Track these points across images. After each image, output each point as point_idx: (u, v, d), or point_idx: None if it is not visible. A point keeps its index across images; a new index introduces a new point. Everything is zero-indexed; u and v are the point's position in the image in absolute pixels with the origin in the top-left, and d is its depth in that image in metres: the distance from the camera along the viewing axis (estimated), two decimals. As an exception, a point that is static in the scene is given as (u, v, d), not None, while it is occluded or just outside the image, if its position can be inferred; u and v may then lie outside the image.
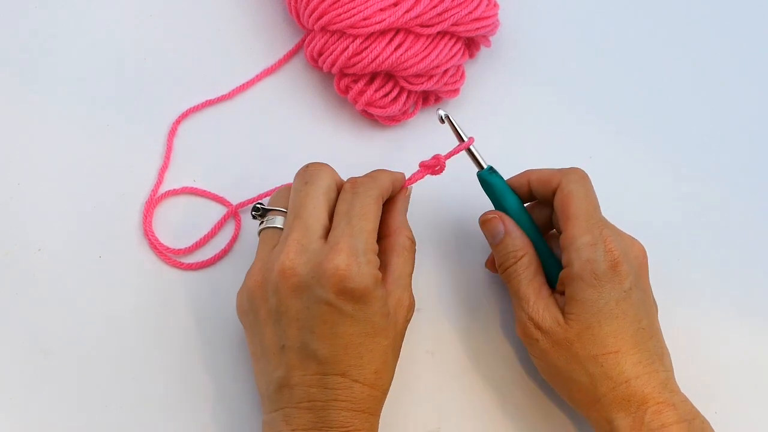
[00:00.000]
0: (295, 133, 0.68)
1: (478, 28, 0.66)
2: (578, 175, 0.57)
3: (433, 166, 0.59)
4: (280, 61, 0.70)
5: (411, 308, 0.56)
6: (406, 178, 0.59)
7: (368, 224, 0.53)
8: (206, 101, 0.68)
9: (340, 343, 0.52)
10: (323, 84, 0.70)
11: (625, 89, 0.72)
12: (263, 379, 0.54)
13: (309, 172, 0.56)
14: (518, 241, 0.57)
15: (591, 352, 0.54)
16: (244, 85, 0.69)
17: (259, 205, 0.57)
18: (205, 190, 0.65)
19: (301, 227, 0.53)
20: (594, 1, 0.75)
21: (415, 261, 0.58)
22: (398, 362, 0.56)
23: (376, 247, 0.54)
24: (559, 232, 0.57)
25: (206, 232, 0.63)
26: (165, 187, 0.65)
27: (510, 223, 0.58)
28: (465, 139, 0.58)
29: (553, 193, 0.57)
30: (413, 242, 0.57)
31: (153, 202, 0.64)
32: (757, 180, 0.69)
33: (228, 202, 0.65)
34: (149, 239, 0.63)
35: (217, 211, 0.65)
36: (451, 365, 0.62)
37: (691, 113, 0.71)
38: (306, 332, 0.52)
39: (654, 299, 0.57)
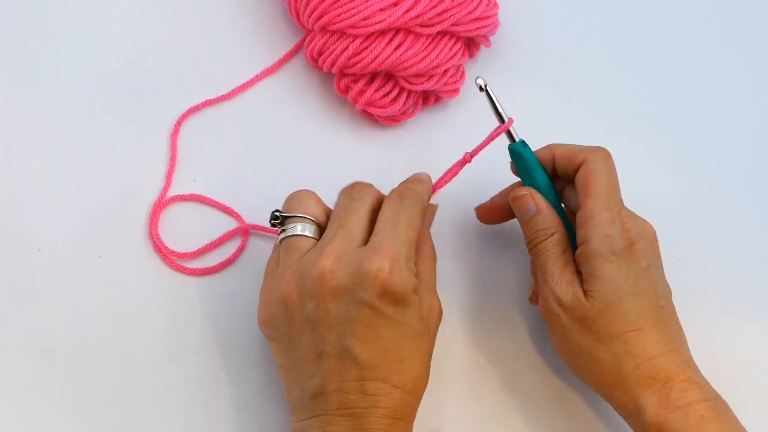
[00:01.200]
0: (295, 133, 0.68)
1: (478, 28, 0.66)
2: (604, 153, 0.57)
3: (466, 160, 0.59)
4: (280, 61, 0.70)
5: (441, 315, 0.56)
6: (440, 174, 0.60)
7: (412, 233, 0.54)
8: (206, 101, 0.68)
9: (380, 347, 0.52)
10: (323, 84, 0.70)
11: (625, 89, 0.72)
12: (296, 388, 0.53)
13: (355, 190, 0.56)
14: (549, 219, 0.57)
15: (614, 330, 0.53)
16: (244, 85, 0.69)
17: (277, 213, 0.56)
18: (212, 200, 0.65)
19: (344, 235, 0.53)
20: (594, 0, 0.75)
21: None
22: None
23: (415, 256, 0.54)
24: (573, 211, 0.58)
25: (212, 240, 0.63)
26: (171, 189, 0.65)
27: (541, 201, 0.57)
28: (505, 118, 0.58)
29: (576, 169, 0.57)
30: (435, 251, 0.57)
31: (161, 205, 0.64)
32: (758, 179, 0.69)
33: (236, 213, 0.64)
34: (154, 241, 0.63)
35: (222, 218, 0.65)
36: (452, 366, 0.62)
37: (691, 113, 0.71)
38: (346, 337, 0.51)
39: (667, 282, 0.57)
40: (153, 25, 0.71)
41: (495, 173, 0.62)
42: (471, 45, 0.69)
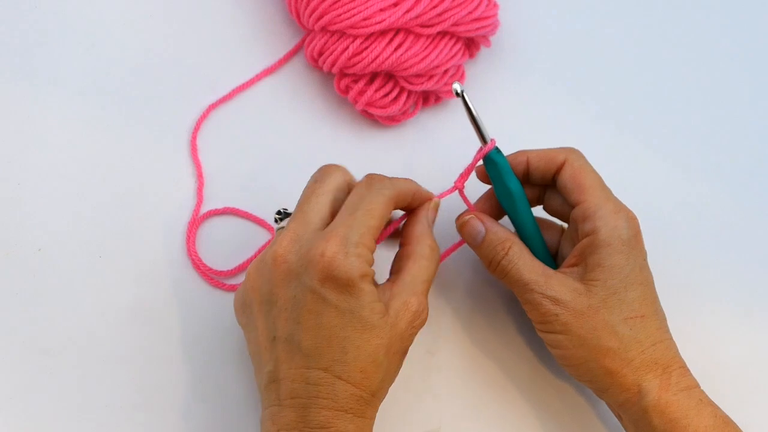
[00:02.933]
0: (295, 134, 0.68)
1: (478, 28, 0.66)
2: (580, 152, 0.58)
3: (457, 188, 0.59)
4: (280, 61, 0.70)
5: (419, 315, 0.54)
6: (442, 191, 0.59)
7: (371, 220, 0.52)
8: (210, 106, 0.68)
9: (323, 335, 0.51)
10: (323, 84, 0.70)
11: (625, 89, 0.72)
12: (258, 376, 0.54)
13: (321, 171, 0.56)
14: (501, 234, 0.57)
15: (619, 316, 0.54)
16: (243, 84, 0.69)
17: (283, 210, 0.57)
18: (246, 212, 0.65)
19: (300, 219, 0.53)
20: (594, 0, 0.75)
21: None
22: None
23: (373, 245, 0.53)
24: (556, 212, 0.59)
25: (247, 257, 0.64)
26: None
27: (488, 220, 0.58)
28: (486, 138, 0.57)
29: (556, 170, 0.57)
30: (434, 251, 0.56)
31: (196, 222, 0.64)
32: (758, 179, 0.69)
33: (269, 225, 0.64)
34: (192, 258, 0.63)
35: (251, 228, 0.65)
36: (451, 365, 0.62)
37: (691, 112, 0.71)
38: (292, 322, 0.51)
39: None
40: (152, 26, 0.71)
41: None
42: (471, 45, 0.69)
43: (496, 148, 0.58)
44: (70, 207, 0.64)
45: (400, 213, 0.59)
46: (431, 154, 0.68)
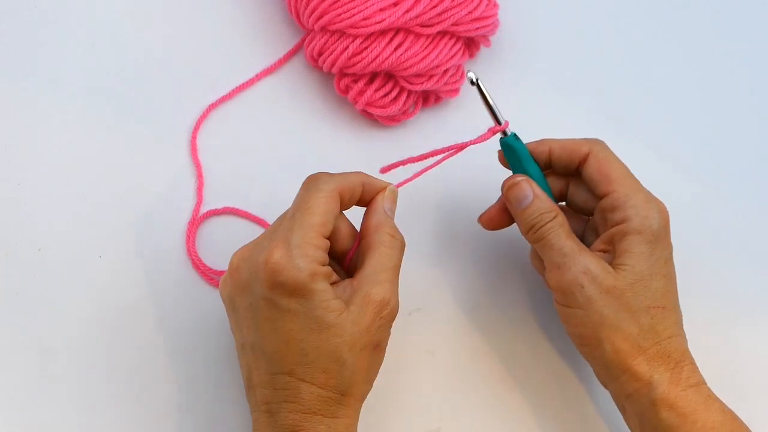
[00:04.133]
0: (295, 133, 0.68)
1: (478, 28, 0.66)
2: (604, 143, 0.58)
3: (484, 138, 0.58)
4: (280, 61, 0.70)
5: (384, 305, 0.52)
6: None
7: (311, 218, 0.52)
8: (210, 106, 0.68)
9: (281, 339, 0.51)
10: (323, 84, 0.70)
11: (625, 88, 0.72)
12: (243, 382, 0.55)
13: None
14: (549, 203, 0.56)
15: (642, 303, 0.54)
16: (243, 84, 0.69)
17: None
18: (246, 212, 0.65)
19: (267, 231, 0.54)
20: (593, 0, 0.75)
21: (415, 261, 0.57)
22: (398, 362, 0.55)
23: (321, 242, 0.52)
24: (580, 205, 0.58)
25: None
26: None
27: (537, 187, 0.57)
28: (501, 119, 0.57)
29: (579, 161, 0.57)
30: (394, 237, 0.54)
31: (195, 222, 0.64)
32: (759, 179, 0.69)
33: (268, 224, 0.64)
34: (191, 258, 0.63)
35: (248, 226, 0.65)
36: (451, 365, 0.62)
37: (691, 112, 0.71)
38: (253, 330, 0.52)
39: None
40: (152, 26, 0.71)
41: (491, 174, 0.61)
42: (471, 45, 0.69)
43: (514, 134, 0.58)
44: (70, 207, 0.64)
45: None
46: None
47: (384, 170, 0.59)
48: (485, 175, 0.61)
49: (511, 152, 0.58)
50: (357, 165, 0.67)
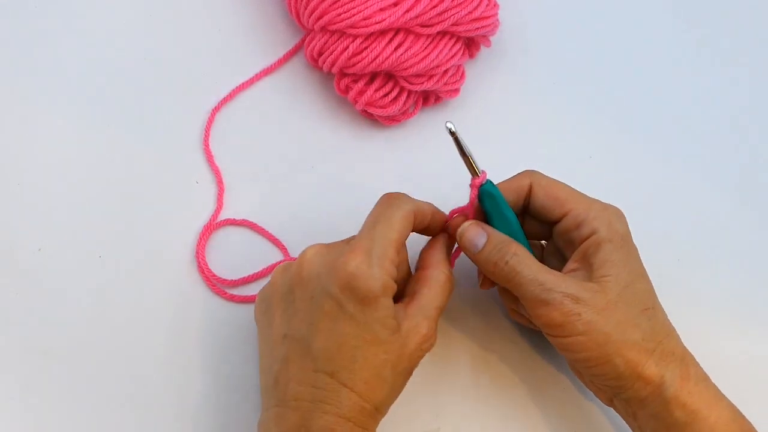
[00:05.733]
0: (295, 133, 0.68)
1: (478, 28, 0.66)
2: (539, 172, 0.58)
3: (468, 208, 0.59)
4: (280, 61, 0.70)
5: (428, 339, 0.54)
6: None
7: (391, 233, 0.53)
8: (213, 109, 0.68)
9: (334, 340, 0.51)
10: (323, 84, 0.70)
11: (626, 88, 0.72)
12: (264, 373, 0.54)
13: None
14: (504, 236, 0.56)
15: (635, 308, 0.54)
16: (243, 84, 0.69)
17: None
18: (263, 228, 0.65)
19: (339, 242, 0.55)
20: (594, 0, 0.75)
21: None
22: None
23: (395, 257, 0.53)
24: (536, 236, 0.59)
25: (255, 271, 0.63)
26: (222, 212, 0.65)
27: (487, 226, 0.57)
28: (478, 171, 0.57)
29: (525, 196, 0.58)
30: (449, 279, 0.56)
31: (211, 227, 0.64)
32: (759, 179, 0.69)
33: (282, 245, 0.64)
34: (199, 263, 0.63)
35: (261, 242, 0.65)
36: (451, 365, 0.62)
37: (692, 113, 0.71)
38: (306, 323, 0.52)
39: None
40: (152, 26, 0.71)
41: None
42: (471, 45, 0.69)
43: (490, 181, 0.57)
44: (70, 207, 0.64)
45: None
46: (431, 154, 0.68)
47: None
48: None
49: (491, 199, 0.57)
50: (357, 165, 0.67)
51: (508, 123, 0.70)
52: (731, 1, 0.76)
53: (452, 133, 0.56)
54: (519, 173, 0.58)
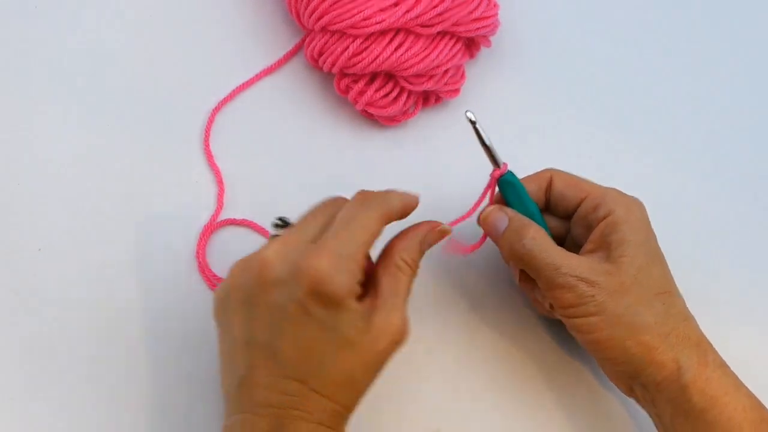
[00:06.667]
0: (295, 134, 0.68)
1: (478, 28, 0.66)
2: (553, 168, 0.59)
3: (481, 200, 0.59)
4: (280, 61, 0.70)
5: (400, 333, 0.52)
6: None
7: (363, 236, 0.51)
8: (214, 109, 0.68)
9: (302, 346, 0.50)
10: (323, 84, 0.70)
11: (626, 88, 0.72)
12: (227, 377, 0.53)
13: (329, 200, 0.55)
14: (525, 219, 0.57)
15: (651, 291, 0.54)
16: (243, 85, 0.69)
17: (283, 219, 0.56)
18: (263, 228, 0.64)
19: (298, 230, 0.52)
20: (594, 0, 0.75)
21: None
22: (397, 363, 0.55)
23: (363, 262, 0.51)
24: (558, 234, 0.59)
25: None
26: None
27: (509, 209, 0.57)
28: (499, 162, 0.57)
29: (547, 187, 0.58)
30: (409, 265, 0.54)
31: (211, 227, 0.64)
32: (758, 179, 0.69)
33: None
34: (199, 261, 0.63)
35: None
36: (451, 365, 0.62)
37: (692, 113, 0.71)
38: (273, 329, 0.50)
39: None
40: (152, 26, 0.71)
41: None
42: (471, 45, 0.69)
43: (510, 171, 0.58)
44: (70, 207, 0.64)
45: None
46: (431, 154, 0.68)
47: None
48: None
49: (511, 189, 0.58)
50: (357, 165, 0.67)
51: (508, 123, 0.70)
52: (731, 1, 0.76)
53: (472, 123, 0.56)
54: (541, 170, 0.59)
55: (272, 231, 0.56)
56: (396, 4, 0.64)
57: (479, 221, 0.59)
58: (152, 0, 0.72)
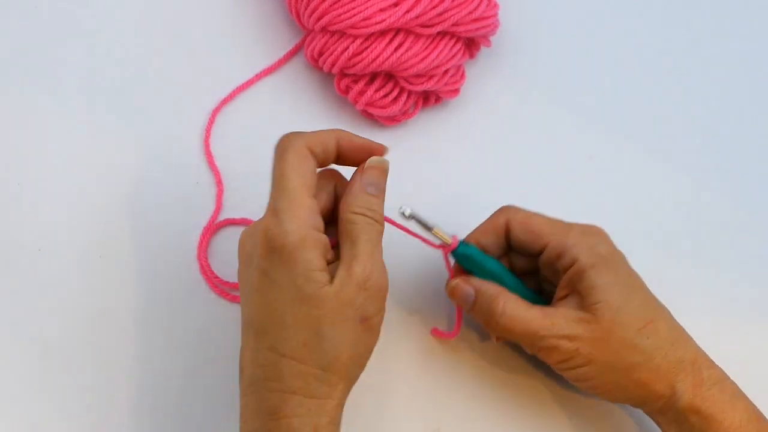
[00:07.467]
0: (295, 134, 0.68)
1: (478, 28, 0.66)
2: (513, 206, 0.58)
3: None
4: (280, 61, 0.70)
5: (367, 278, 0.50)
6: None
7: (288, 181, 0.50)
8: (214, 110, 0.67)
9: (266, 311, 0.49)
10: (323, 84, 0.70)
11: (625, 88, 0.72)
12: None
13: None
14: (492, 291, 0.56)
15: (632, 329, 0.54)
16: (243, 84, 0.69)
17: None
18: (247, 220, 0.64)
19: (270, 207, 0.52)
20: (594, 0, 0.75)
21: (413, 259, 0.57)
22: (398, 362, 0.55)
23: (306, 201, 0.50)
24: (522, 269, 0.59)
25: None
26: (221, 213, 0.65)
27: (475, 280, 0.57)
28: (448, 239, 0.57)
29: (505, 235, 0.57)
30: (359, 214, 0.51)
31: (211, 228, 0.64)
32: (758, 179, 0.69)
33: None
34: (201, 264, 0.63)
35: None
36: (451, 365, 0.62)
37: (691, 112, 0.71)
38: (247, 304, 0.51)
39: None
40: (152, 26, 0.71)
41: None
42: (471, 45, 0.69)
43: (461, 242, 0.57)
44: (70, 207, 0.64)
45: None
46: (431, 154, 0.68)
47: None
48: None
49: (468, 260, 0.57)
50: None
51: (508, 123, 0.70)
52: (731, 3, 0.76)
53: (411, 217, 0.56)
54: (495, 212, 0.58)
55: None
56: (396, 4, 0.64)
57: (448, 293, 0.58)
58: (152, 0, 0.72)
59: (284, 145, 0.52)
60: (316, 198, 0.52)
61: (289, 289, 0.49)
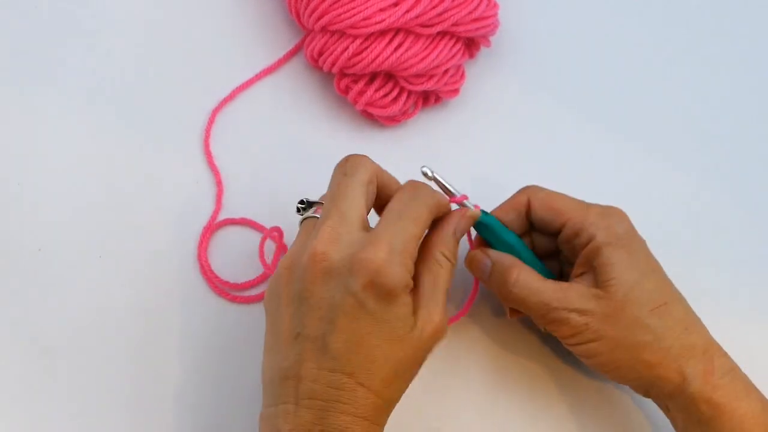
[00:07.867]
0: (295, 134, 0.68)
1: (478, 28, 0.66)
2: (535, 185, 0.59)
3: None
4: (280, 61, 0.70)
5: (440, 327, 0.52)
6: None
7: (416, 229, 0.52)
8: (214, 110, 0.68)
9: (354, 340, 0.50)
10: (323, 84, 0.70)
11: (625, 88, 0.72)
12: (270, 369, 0.52)
13: (349, 164, 0.54)
14: (507, 261, 0.56)
15: (645, 308, 0.54)
16: (243, 84, 0.69)
17: (306, 200, 0.56)
18: (264, 227, 0.64)
19: (337, 215, 0.52)
20: (594, 0, 0.75)
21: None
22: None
23: (415, 254, 0.52)
24: (546, 251, 0.59)
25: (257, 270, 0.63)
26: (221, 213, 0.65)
27: (492, 252, 0.57)
28: (457, 194, 0.57)
29: (526, 213, 0.58)
30: (447, 258, 0.54)
31: (211, 227, 0.64)
32: (758, 179, 0.69)
33: (285, 245, 0.63)
34: (201, 264, 0.63)
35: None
36: (452, 365, 0.62)
37: (691, 112, 0.71)
38: (325, 322, 0.50)
39: None
40: (152, 26, 0.71)
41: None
42: (471, 45, 0.69)
43: (483, 211, 0.58)
44: (70, 207, 0.64)
45: None
46: (431, 154, 0.68)
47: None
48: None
49: (488, 230, 0.58)
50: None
51: (508, 123, 0.70)
52: (730, 4, 0.76)
53: (432, 178, 0.56)
54: (517, 191, 0.59)
55: (299, 216, 0.56)
56: (396, 4, 0.64)
57: (466, 264, 0.59)
58: (152, 0, 0.72)
59: (424, 196, 0.53)
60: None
61: (386, 328, 0.50)
